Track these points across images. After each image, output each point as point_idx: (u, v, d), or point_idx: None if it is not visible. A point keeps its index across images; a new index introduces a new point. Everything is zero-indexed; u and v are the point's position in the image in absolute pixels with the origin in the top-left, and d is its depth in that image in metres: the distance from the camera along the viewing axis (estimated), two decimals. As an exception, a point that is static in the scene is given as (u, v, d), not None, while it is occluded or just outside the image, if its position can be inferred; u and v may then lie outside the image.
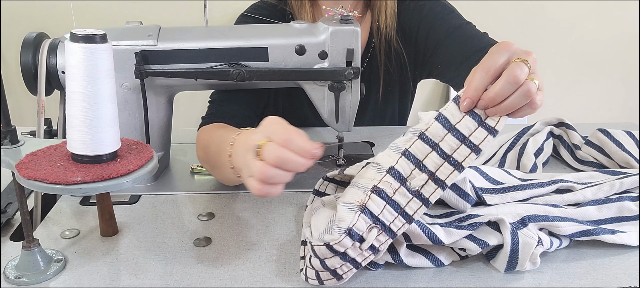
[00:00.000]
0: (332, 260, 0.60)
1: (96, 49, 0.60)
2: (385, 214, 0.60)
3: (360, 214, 0.59)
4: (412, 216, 0.61)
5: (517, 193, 0.77)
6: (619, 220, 0.75)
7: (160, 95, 0.89)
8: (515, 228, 0.66)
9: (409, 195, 0.61)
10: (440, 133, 0.62)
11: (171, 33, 0.86)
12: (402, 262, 0.67)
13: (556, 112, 2.29)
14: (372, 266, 0.67)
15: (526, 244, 0.65)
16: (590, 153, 0.93)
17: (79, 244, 0.74)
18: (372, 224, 0.59)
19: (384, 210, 0.60)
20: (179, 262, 0.70)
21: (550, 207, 0.73)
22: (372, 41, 1.13)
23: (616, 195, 0.78)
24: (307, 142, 0.59)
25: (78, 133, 0.62)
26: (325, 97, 0.90)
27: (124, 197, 0.86)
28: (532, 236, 0.66)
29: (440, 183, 0.61)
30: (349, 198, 0.61)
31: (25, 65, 0.82)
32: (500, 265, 0.67)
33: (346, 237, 0.58)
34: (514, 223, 0.68)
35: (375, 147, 1.08)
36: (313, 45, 0.86)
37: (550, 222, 0.69)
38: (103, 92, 0.62)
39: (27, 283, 0.66)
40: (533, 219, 0.69)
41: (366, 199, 0.60)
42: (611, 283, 0.67)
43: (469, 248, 0.67)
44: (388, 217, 0.60)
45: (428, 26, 1.08)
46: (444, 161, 0.61)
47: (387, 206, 0.60)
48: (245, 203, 0.85)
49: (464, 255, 0.69)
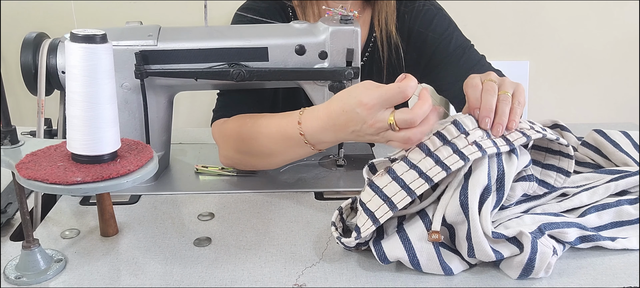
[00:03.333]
0: (374, 201, 0.67)
1: (96, 49, 0.60)
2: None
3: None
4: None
5: (519, 207, 0.77)
6: (618, 225, 0.75)
7: (160, 95, 0.89)
8: (535, 238, 0.66)
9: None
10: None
11: (171, 33, 0.86)
12: (419, 265, 0.67)
13: (556, 111, 2.30)
14: (381, 258, 0.67)
15: (543, 254, 0.65)
16: (587, 154, 0.93)
17: (79, 244, 0.74)
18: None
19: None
20: (179, 262, 0.70)
21: (553, 216, 0.73)
22: (373, 35, 1.13)
23: (613, 197, 0.78)
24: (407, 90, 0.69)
25: (78, 133, 0.62)
26: (325, 97, 0.90)
27: (124, 197, 0.86)
28: (548, 245, 0.66)
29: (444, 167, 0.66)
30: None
31: (25, 65, 0.82)
32: (513, 273, 0.67)
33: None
34: (533, 232, 0.67)
35: (375, 147, 1.08)
36: (313, 45, 0.86)
37: (560, 229, 0.69)
38: (103, 92, 0.62)
39: (27, 283, 0.66)
40: (547, 227, 0.69)
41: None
42: (611, 283, 0.67)
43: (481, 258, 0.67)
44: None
45: (436, 41, 1.13)
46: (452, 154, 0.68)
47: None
48: (245, 204, 0.85)
49: (473, 264, 0.69)
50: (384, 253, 0.67)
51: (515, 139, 0.70)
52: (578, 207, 0.77)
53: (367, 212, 0.67)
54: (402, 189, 0.67)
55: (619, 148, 0.89)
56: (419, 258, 0.66)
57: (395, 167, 0.69)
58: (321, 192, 0.89)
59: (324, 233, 0.77)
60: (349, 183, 0.92)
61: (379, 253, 0.67)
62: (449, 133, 0.69)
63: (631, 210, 0.75)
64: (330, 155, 1.02)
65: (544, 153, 0.79)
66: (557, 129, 0.95)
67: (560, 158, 0.77)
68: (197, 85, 0.87)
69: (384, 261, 0.67)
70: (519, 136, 0.70)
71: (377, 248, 0.67)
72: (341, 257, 0.71)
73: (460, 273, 0.68)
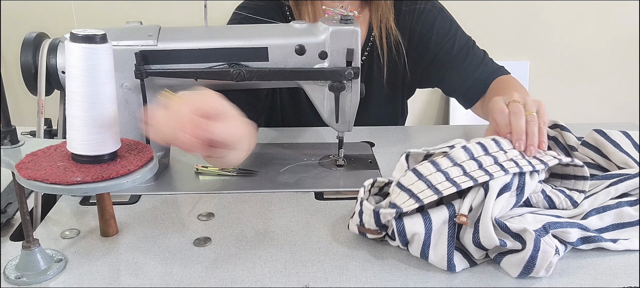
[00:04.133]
0: (417, 185, 0.69)
1: (96, 49, 0.60)
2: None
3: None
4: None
5: (522, 209, 0.77)
6: (619, 227, 0.75)
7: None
8: (539, 236, 0.66)
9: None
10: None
11: (171, 33, 0.86)
12: (428, 248, 0.68)
13: (556, 111, 2.29)
14: (400, 233, 0.68)
15: (545, 252, 0.65)
16: (587, 155, 0.93)
17: (79, 244, 0.74)
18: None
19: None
20: (179, 262, 0.70)
21: (555, 216, 0.73)
22: (372, 34, 1.13)
23: (613, 199, 0.78)
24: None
25: (78, 133, 0.62)
26: (325, 97, 0.90)
27: (124, 197, 0.86)
28: (551, 244, 0.66)
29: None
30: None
31: (25, 65, 0.82)
32: (514, 270, 0.67)
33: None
34: (537, 230, 0.67)
35: (375, 147, 1.08)
36: (313, 45, 0.86)
37: (563, 229, 0.69)
38: (103, 92, 0.62)
39: (27, 283, 0.66)
40: (552, 226, 0.69)
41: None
42: (611, 283, 0.67)
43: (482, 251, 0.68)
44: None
45: (439, 44, 1.14)
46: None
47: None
48: (245, 204, 0.85)
49: (475, 262, 0.70)
50: (404, 228, 0.68)
51: (548, 160, 0.75)
52: (579, 214, 0.78)
53: (408, 192, 0.69)
54: (447, 180, 0.70)
55: (619, 148, 0.89)
56: (432, 240, 0.68)
57: (438, 160, 0.72)
58: (321, 192, 0.89)
59: (324, 233, 0.77)
60: (349, 183, 0.92)
61: (400, 228, 0.68)
62: (490, 147, 0.75)
63: (631, 211, 0.76)
64: (330, 155, 1.02)
65: (560, 179, 0.82)
66: (557, 129, 0.95)
67: (575, 182, 0.79)
68: (197, 85, 0.87)
69: (402, 235, 0.68)
70: (551, 158, 0.76)
71: (399, 223, 0.68)
72: (341, 257, 0.71)
73: (460, 272, 0.68)
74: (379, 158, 1.01)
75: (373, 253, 0.72)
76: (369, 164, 0.99)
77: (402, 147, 1.07)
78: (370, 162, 1.00)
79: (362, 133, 1.13)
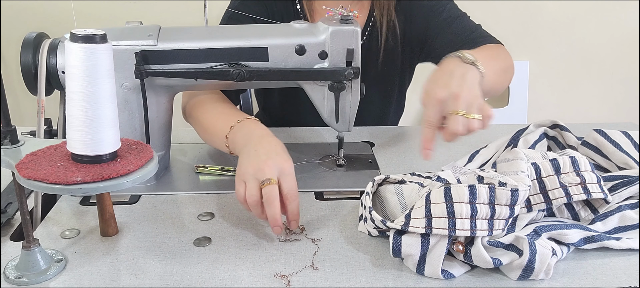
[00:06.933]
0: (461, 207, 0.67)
1: (96, 49, 0.60)
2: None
3: None
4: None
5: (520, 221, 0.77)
6: (621, 230, 0.75)
7: (160, 95, 0.89)
8: (532, 239, 0.66)
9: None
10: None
11: (171, 33, 0.86)
12: (422, 271, 0.68)
13: (556, 111, 2.30)
14: (395, 250, 0.68)
15: (542, 255, 0.65)
16: (587, 154, 0.93)
17: (79, 244, 0.74)
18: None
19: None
20: (179, 262, 0.70)
21: (548, 222, 0.74)
22: (372, 17, 1.14)
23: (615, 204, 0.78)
24: (293, 212, 0.75)
25: (78, 133, 0.62)
26: (325, 97, 0.90)
27: (124, 197, 0.86)
28: (547, 246, 0.66)
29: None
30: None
31: (25, 65, 0.82)
32: (514, 274, 0.67)
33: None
34: (529, 234, 0.68)
35: (375, 147, 1.08)
36: (313, 45, 0.86)
37: (558, 231, 0.70)
38: (103, 92, 0.62)
39: (27, 283, 0.66)
40: (544, 229, 0.70)
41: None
42: (611, 283, 0.67)
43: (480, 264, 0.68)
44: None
45: (429, 13, 1.14)
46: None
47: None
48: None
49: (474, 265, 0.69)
50: (400, 246, 0.67)
51: (575, 194, 0.73)
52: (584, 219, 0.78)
53: (427, 211, 0.68)
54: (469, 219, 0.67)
55: (619, 148, 0.89)
56: (427, 258, 0.67)
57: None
58: (321, 192, 0.89)
59: (324, 233, 0.77)
60: (349, 183, 0.92)
61: (396, 244, 0.68)
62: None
63: (633, 214, 0.76)
64: (330, 155, 1.02)
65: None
66: (557, 129, 0.95)
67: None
68: (197, 85, 0.87)
69: (396, 252, 0.68)
70: (579, 192, 0.73)
71: (396, 239, 0.68)
72: (341, 257, 0.71)
73: (461, 274, 0.68)
74: (379, 159, 1.01)
75: (373, 253, 0.72)
76: (369, 164, 0.99)
77: (402, 147, 1.07)
78: (370, 162, 1.00)
79: (362, 133, 1.13)
